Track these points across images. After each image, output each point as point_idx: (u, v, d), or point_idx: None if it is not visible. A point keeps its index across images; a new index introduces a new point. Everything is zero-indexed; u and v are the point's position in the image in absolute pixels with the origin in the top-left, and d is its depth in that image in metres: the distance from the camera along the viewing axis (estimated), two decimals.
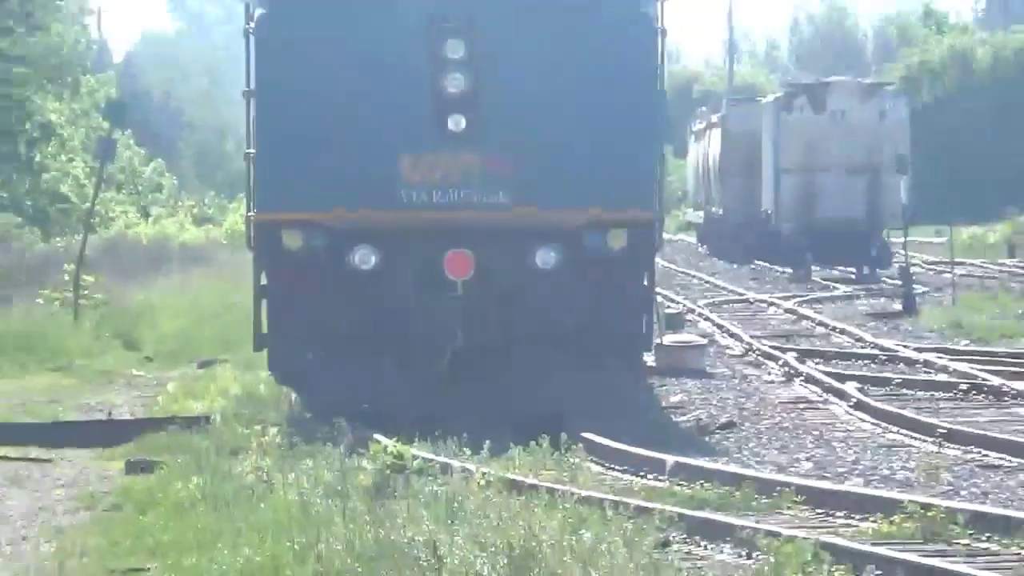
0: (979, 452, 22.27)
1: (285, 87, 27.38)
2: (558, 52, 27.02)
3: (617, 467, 21.90)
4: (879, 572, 14.97)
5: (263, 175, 27.92)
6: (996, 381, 28.56)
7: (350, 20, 27.14)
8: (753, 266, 60.53)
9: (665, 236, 31.77)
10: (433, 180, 27.04)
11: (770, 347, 34.78)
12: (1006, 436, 23.24)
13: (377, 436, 22.72)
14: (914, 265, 50.99)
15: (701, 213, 79.21)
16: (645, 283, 28.09)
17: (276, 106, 27.52)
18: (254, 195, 28.39)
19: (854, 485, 19.94)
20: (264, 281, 27.69)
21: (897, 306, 45.26)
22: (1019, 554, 15.78)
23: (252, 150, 28.05)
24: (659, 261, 49.27)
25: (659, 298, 38.53)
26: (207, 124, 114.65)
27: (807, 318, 42.75)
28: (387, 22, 26.99)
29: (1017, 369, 30.46)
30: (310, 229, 27.20)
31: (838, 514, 18.12)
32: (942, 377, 30.12)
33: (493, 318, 26.87)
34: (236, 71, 29.11)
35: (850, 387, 28.28)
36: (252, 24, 27.67)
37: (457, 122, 26.83)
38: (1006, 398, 27.36)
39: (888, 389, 28.92)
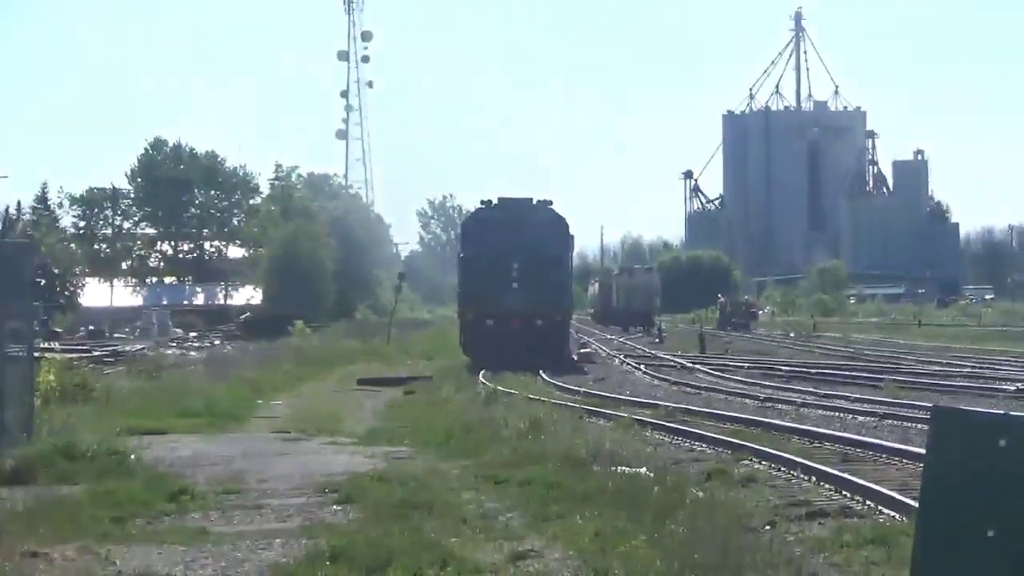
0: (684, 387, 22.08)
1: (469, 276, 28.94)
2: (541, 258, 28.34)
3: (564, 391, 21.60)
4: (651, 428, 14.79)
5: (460, 297, 29.62)
6: (688, 363, 28.36)
7: (490, 259, 28.40)
8: (610, 328, 59.93)
9: (576, 316, 31.74)
10: (508, 299, 28.20)
11: (615, 353, 34.46)
12: (691, 381, 23.09)
13: (484, 380, 22.64)
14: (664, 326, 50.43)
15: (592, 309, 78.98)
16: (568, 330, 30.23)
17: (466, 282, 29.10)
18: (459, 302, 30.03)
19: (642, 398, 19.71)
20: (461, 328, 29.30)
21: (657, 340, 44.91)
22: (702, 425, 15.59)
23: (459, 289, 29.81)
24: (578, 324, 49.45)
25: (577, 335, 38.32)
26: (434, 280, 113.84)
27: (626, 344, 42.27)
28: (498, 259, 28.33)
29: (696, 360, 30.21)
30: (474, 314, 28.55)
31: (638, 409, 17.82)
32: (671, 363, 29.84)
33: (523, 340, 27.78)
34: (451, 260, 30.32)
35: (642, 366, 28.02)
36: (460, 256, 29.42)
37: (516, 284, 28.35)
38: (692, 370, 27.09)
39: (655, 366, 28.48)
